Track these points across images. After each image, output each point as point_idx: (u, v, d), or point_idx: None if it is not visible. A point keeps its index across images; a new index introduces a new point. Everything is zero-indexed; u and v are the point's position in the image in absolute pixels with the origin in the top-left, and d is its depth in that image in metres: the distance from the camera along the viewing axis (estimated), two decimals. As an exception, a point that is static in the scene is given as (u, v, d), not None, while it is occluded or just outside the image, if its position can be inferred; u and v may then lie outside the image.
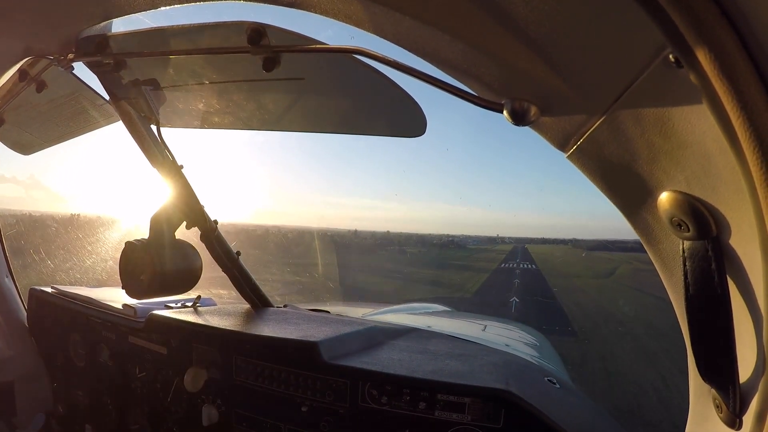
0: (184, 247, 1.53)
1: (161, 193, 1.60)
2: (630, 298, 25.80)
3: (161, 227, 1.48)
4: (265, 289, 2.12)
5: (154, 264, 1.40)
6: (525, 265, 50.28)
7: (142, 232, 1.47)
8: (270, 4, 0.92)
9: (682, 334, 0.73)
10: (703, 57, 0.46)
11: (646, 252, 0.76)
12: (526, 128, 0.76)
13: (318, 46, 1.08)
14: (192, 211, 1.69)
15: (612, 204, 0.77)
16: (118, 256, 1.43)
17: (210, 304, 2.11)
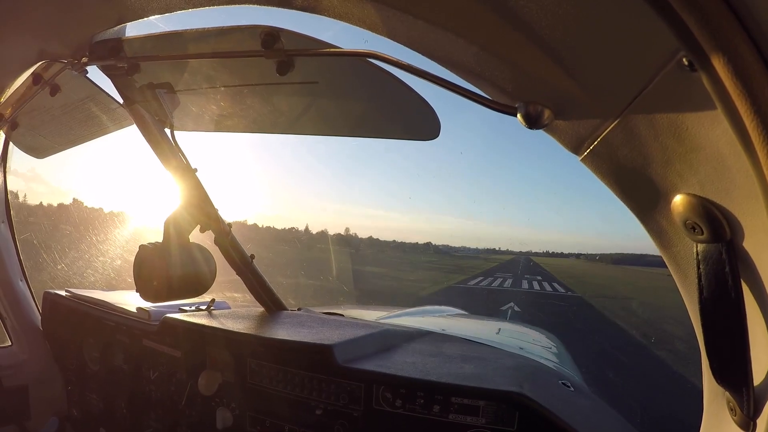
0: (198, 250, 1.52)
1: (174, 196, 1.60)
2: None
3: (175, 231, 1.48)
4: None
5: (167, 267, 1.40)
6: (534, 285, 26.85)
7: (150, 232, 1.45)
8: (284, 8, 0.92)
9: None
10: (716, 60, 0.46)
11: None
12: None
13: (331, 49, 1.08)
14: (206, 214, 1.70)
15: (626, 207, 0.77)
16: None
17: (224, 307, 2.12)
